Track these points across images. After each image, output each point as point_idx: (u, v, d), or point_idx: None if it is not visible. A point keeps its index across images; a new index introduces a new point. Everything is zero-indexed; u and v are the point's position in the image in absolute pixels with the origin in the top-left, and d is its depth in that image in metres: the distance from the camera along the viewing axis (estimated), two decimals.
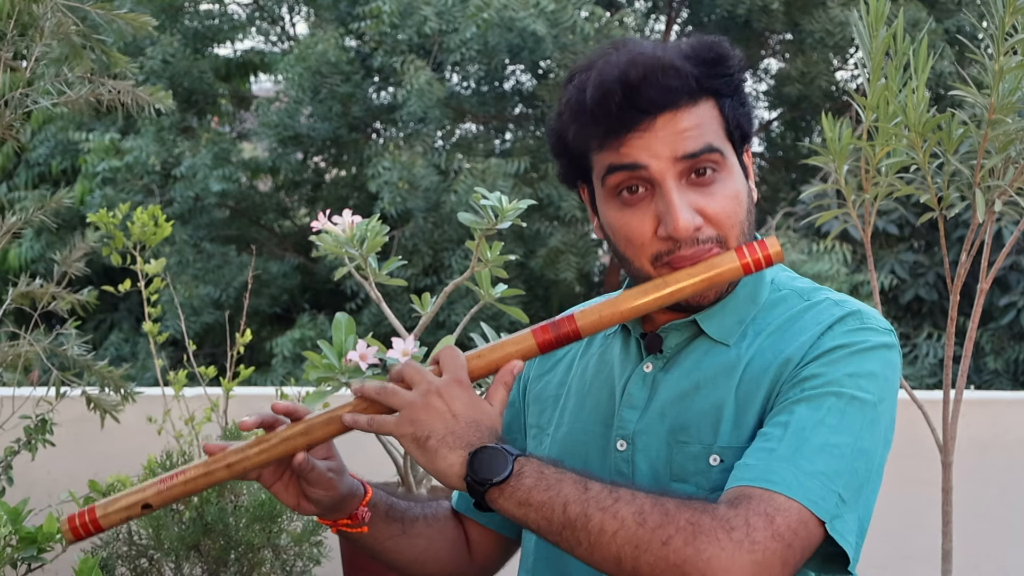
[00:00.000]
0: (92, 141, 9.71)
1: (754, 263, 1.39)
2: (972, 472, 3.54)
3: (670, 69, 1.37)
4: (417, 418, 1.33)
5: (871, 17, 2.50)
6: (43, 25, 2.41)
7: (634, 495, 1.27)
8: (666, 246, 1.40)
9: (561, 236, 9.10)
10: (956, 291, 2.57)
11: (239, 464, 1.40)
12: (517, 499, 1.29)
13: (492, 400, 1.37)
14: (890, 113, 2.48)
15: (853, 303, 1.44)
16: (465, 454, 1.30)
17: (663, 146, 1.38)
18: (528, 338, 1.42)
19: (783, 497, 1.26)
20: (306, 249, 9.61)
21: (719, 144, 1.41)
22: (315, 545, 2.67)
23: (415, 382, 1.36)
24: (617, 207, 1.42)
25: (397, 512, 1.57)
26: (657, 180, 1.39)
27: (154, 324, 3.22)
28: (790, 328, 1.43)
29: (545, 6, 8.60)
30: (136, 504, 1.41)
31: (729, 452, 1.37)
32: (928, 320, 9.15)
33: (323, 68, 9.31)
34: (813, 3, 9.65)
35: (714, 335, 1.45)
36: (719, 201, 1.40)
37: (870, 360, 1.37)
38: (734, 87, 1.43)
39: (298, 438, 1.40)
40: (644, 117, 1.37)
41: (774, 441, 1.32)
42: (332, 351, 2.53)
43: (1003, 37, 2.39)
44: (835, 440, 1.31)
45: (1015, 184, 2.47)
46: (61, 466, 3.35)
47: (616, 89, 1.37)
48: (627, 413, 1.47)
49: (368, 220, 2.61)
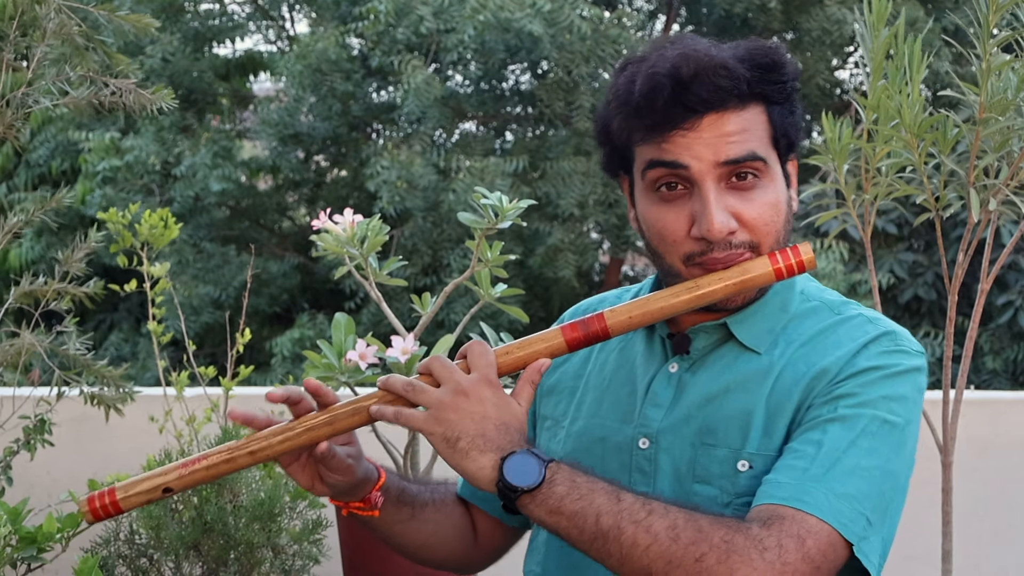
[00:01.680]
0: (92, 140, 9.70)
1: (786, 269, 1.39)
2: (972, 472, 3.54)
3: (722, 69, 1.37)
4: (446, 418, 1.32)
5: (873, 17, 2.50)
6: (45, 26, 2.41)
7: (667, 509, 1.28)
8: (699, 247, 1.40)
9: (560, 234, 9.09)
10: (954, 291, 2.58)
11: (262, 452, 1.40)
12: (549, 507, 1.29)
13: (519, 399, 1.37)
14: (889, 114, 2.48)
15: (886, 322, 1.45)
16: (496, 458, 1.31)
17: (706, 148, 1.37)
18: (557, 336, 1.41)
19: (815, 519, 1.28)
20: (306, 249, 9.60)
21: (763, 152, 1.40)
22: (314, 544, 2.67)
23: (443, 379, 1.35)
24: (654, 202, 1.42)
25: (408, 496, 1.57)
26: (697, 180, 1.39)
27: (158, 324, 3.22)
28: (824, 341, 1.43)
29: (542, 6, 8.60)
30: (157, 488, 1.40)
31: (758, 459, 1.38)
32: (927, 320, 9.15)
33: (323, 66, 9.31)
34: (811, 1, 9.64)
35: (745, 341, 1.45)
36: (757, 207, 1.40)
37: (903, 384, 1.39)
38: (786, 95, 1.43)
39: (322, 428, 1.40)
40: (691, 115, 1.37)
41: (807, 460, 1.33)
42: (332, 351, 2.54)
43: (988, 35, 2.40)
44: (866, 463, 1.33)
45: (1011, 182, 2.48)
46: (61, 466, 3.35)
47: (665, 84, 1.36)
48: (651, 411, 1.47)
49: (369, 220, 2.61)
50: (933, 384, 8.35)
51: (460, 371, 1.36)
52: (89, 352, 2.76)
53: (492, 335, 2.62)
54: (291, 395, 1.42)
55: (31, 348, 2.63)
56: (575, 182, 9.02)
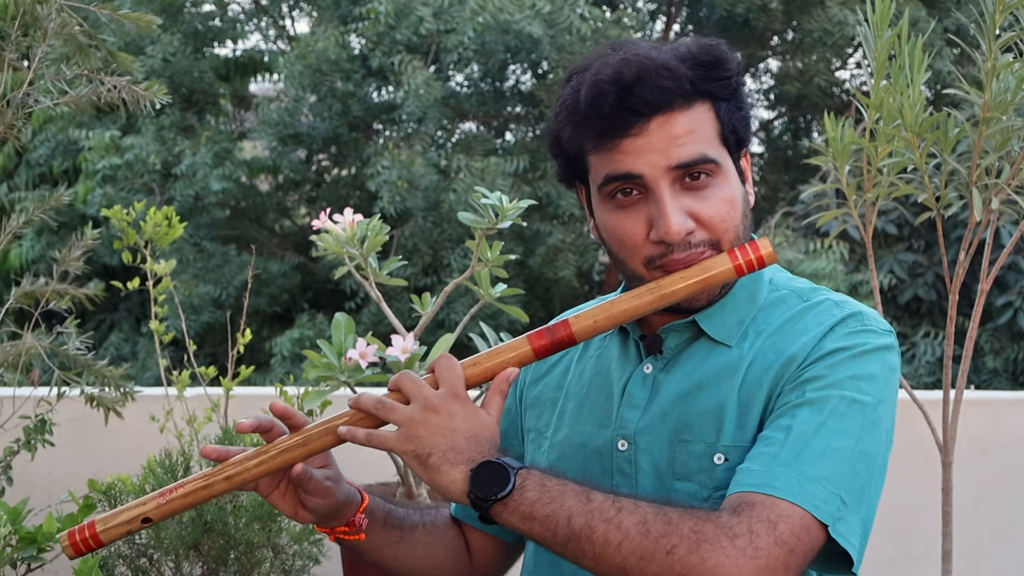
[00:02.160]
0: (92, 139, 9.70)
1: (746, 264, 1.40)
2: (972, 472, 3.53)
3: (664, 70, 1.38)
4: (417, 435, 1.33)
5: (876, 17, 2.50)
6: (47, 25, 2.41)
7: (637, 505, 1.29)
8: (659, 249, 1.41)
9: (560, 235, 9.09)
10: (955, 291, 2.58)
11: (238, 476, 1.40)
12: (521, 513, 1.30)
13: (489, 409, 1.38)
14: (891, 114, 2.48)
15: (853, 304, 1.45)
16: (467, 470, 1.31)
17: (657, 153, 1.38)
18: (524, 344, 1.42)
19: (786, 503, 1.28)
20: (306, 248, 9.61)
21: (713, 152, 1.41)
22: (314, 544, 2.66)
23: (412, 396, 1.36)
24: (611, 209, 1.43)
25: (395, 519, 1.58)
26: (651, 186, 1.39)
27: (160, 324, 3.22)
28: (791, 328, 1.44)
29: (541, 8, 8.60)
30: (136, 518, 1.41)
31: (733, 451, 1.39)
32: (927, 320, 9.15)
33: (323, 66, 9.31)
34: (812, 2, 9.64)
35: (715, 335, 1.46)
36: (713, 205, 1.40)
37: (870, 363, 1.39)
38: (731, 91, 1.43)
39: (296, 449, 1.41)
40: (638, 119, 1.38)
41: (776, 446, 1.33)
42: (332, 350, 2.54)
43: (994, 35, 2.40)
44: (836, 444, 1.32)
45: (1012, 182, 2.48)
46: (61, 466, 3.35)
47: (609, 90, 1.37)
48: (628, 413, 1.48)
49: (369, 219, 2.61)
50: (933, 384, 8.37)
51: (428, 386, 1.37)
52: (89, 352, 2.76)
53: (492, 335, 2.62)
54: (261, 423, 1.43)
55: (31, 348, 2.63)
56: None
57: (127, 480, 2.67)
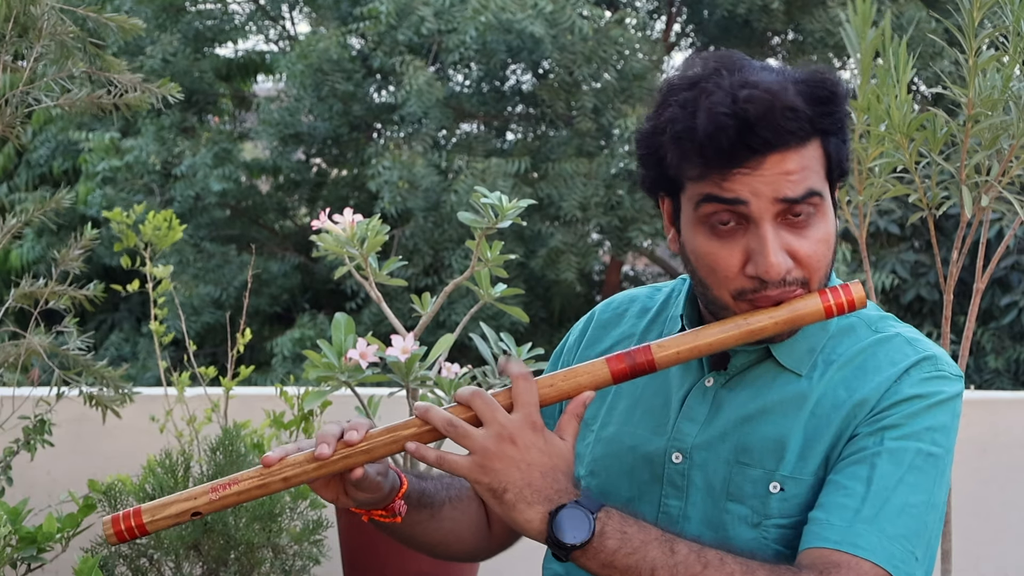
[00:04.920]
0: (92, 140, 9.71)
1: (837, 307, 1.39)
2: (972, 472, 3.53)
3: (788, 111, 1.34)
4: (492, 467, 1.31)
5: (858, 18, 2.51)
6: (41, 27, 2.40)
7: (723, 561, 1.28)
8: (752, 284, 1.38)
9: (561, 236, 9.09)
10: (949, 290, 2.59)
11: (296, 478, 1.38)
12: (601, 561, 1.29)
13: (564, 435, 1.35)
14: (879, 115, 2.49)
15: (925, 344, 1.44)
16: (544, 511, 1.30)
17: (767, 186, 1.35)
18: (602, 367, 1.39)
19: (869, 564, 1.30)
20: (306, 249, 9.61)
21: (819, 187, 1.38)
22: (315, 544, 2.66)
23: (486, 420, 1.33)
24: (706, 234, 1.39)
25: (427, 499, 1.56)
26: (755, 218, 1.36)
27: (160, 325, 3.22)
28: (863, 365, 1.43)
29: (543, 7, 8.59)
30: (186, 512, 1.38)
31: (791, 482, 1.38)
32: (929, 320, 9.16)
33: (324, 66, 9.31)
34: (813, 3, 9.64)
35: (785, 363, 1.44)
36: (812, 245, 1.38)
37: (943, 412, 1.39)
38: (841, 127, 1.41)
39: (359, 455, 1.38)
40: (754, 156, 1.34)
41: (857, 499, 1.34)
42: (332, 350, 2.54)
43: (973, 32, 2.41)
44: (913, 499, 1.34)
45: (1002, 179, 2.48)
46: (61, 466, 3.35)
47: (730, 125, 1.32)
48: (686, 426, 1.46)
49: (369, 220, 2.61)
50: None
51: (502, 410, 1.34)
52: (89, 352, 2.75)
53: (492, 335, 2.62)
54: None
55: (31, 348, 2.63)
56: (577, 184, 9.02)
57: (127, 480, 2.67)
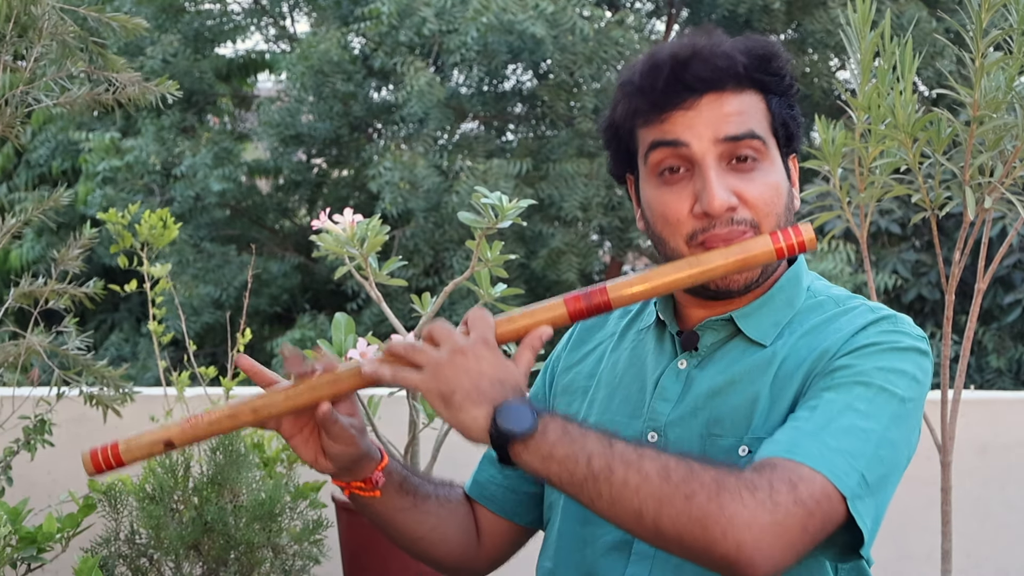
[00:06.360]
0: (92, 140, 9.71)
1: (787, 248, 1.40)
2: (972, 472, 3.53)
3: (719, 51, 1.42)
4: (443, 375, 1.33)
5: (858, 18, 2.51)
6: (42, 26, 2.40)
7: (659, 453, 1.29)
8: (701, 224, 1.42)
9: (562, 237, 9.09)
10: (951, 291, 2.59)
11: (265, 409, 1.41)
12: (541, 453, 1.30)
13: (518, 362, 1.38)
14: (880, 114, 2.49)
15: (889, 310, 1.46)
16: (490, 409, 1.31)
17: (706, 126, 1.41)
18: (560, 306, 1.42)
19: (807, 468, 1.28)
20: (307, 249, 9.61)
21: (762, 133, 1.44)
22: (315, 544, 2.67)
23: (442, 340, 1.36)
24: (656, 185, 1.46)
25: (410, 485, 1.58)
26: (697, 159, 1.42)
27: (159, 325, 3.22)
28: (825, 328, 1.45)
29: (544, 8, 8.59)
30: (159, 441, 1.42)
31: (757, 443, 1.39)
32: (931, 320, 9.16)
33: (325, 67, 9.31)
34: (813, 3, 9.65)
35: (752, 335, 1.47)
36: (758, 187, 1.43)
37: (902, 359, 1.39)
38: (783, 88, 1.47)
39: (324, 387, 1.41)
40: (689, 94, 1.41)
41: (801, 421, 1.34)
42: (332, 350, 2.54)
43: (980, 33, 2.41)
44: (862, 424, 1.33)
45: (1006, 180, 2.48)
46: (61, 466, 3.35)
47: (665, 63, 1.42)
48: (659, 405, 1.49)
49: (369, 220, 2.61)
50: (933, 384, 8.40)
51: (458, 333, 1.37)
52: (89, 352, 2.75)
53: None
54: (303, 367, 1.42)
55: (31, 348, 2.63)
56: (578, 184, 9.03)
57: (127, 480, 2.67)
